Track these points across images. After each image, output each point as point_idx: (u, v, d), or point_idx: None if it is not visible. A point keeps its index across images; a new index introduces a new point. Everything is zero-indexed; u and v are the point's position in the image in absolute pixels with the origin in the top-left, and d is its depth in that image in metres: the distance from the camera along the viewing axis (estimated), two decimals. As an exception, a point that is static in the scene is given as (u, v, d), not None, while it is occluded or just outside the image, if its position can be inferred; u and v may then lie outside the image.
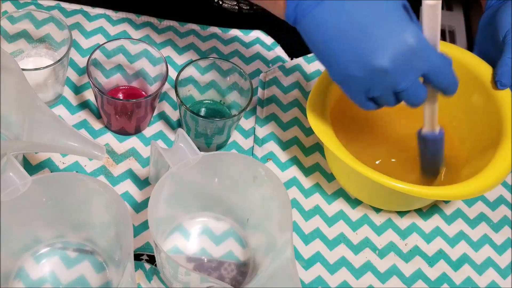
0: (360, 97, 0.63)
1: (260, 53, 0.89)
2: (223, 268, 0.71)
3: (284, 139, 0.81)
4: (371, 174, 0.67)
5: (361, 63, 0.60)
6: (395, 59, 0.59)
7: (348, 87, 0.63)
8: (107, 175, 0.76)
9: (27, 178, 0.61)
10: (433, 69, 0.61)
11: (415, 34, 0.59)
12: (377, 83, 0.61)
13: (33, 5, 0.88)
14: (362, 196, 0.76)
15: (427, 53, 0.60)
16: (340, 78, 0.62)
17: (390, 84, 0.61)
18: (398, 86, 0.61)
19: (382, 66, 0.59)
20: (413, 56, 0.60)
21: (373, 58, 0.59)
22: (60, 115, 0.80)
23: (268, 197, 0.67)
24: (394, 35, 0.59)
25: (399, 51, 0.59)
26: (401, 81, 0.61)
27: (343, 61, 0.61)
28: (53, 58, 0.81)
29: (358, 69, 0.60)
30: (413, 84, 0.61)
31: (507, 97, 0.74)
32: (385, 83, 0.61)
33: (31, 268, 0.68)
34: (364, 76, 0.61)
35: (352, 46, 0.60)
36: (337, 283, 0.72)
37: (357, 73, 0.61)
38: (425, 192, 0.67)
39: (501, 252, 0.76)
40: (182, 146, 0.66)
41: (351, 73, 0.61)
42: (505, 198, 0.80)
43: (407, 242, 0.75)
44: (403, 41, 0.59)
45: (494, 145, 0.71)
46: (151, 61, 0.78)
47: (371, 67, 0.60)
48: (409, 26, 0.59)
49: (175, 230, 0.72)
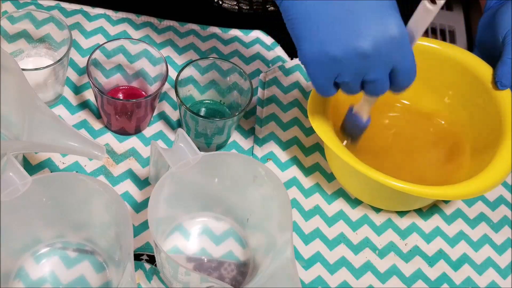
0: (326, 81, 0.62)
1: (260, 53, 0.89)
2: (223, 268, 0.71)
3: (284, 139, 0.81)
4: (371, 173, 0.67)
5: (343, 42, 0.58)
6: (377, 45, 0.58)
7: (319, 68, 0.60)
8: (107, 175, 0.76)
9: (27, 178, 0.61)
10: (405, 67, 0.60)
11: (400, 27, 0.58)
12: (351, 67, 0.59)
13: (33, 5, 0.88)
14: (362, 196, 0.76)
15: (405, 49, 0.60)
16: (313, 56, 0.60)
17: (363, 70, 0.60)
18: (369, 75, 0.60)
19: (364, 49, 0.58)
20: (394, 48, 0.59)
21: (357, 40, 0.58)
22: (60, 115, 0.80)
23: (268, 197, 0.67)
24: (381, 22, 0.58)
25: (382, 39, 0.58)
26: (374, 70, 0.60)
27: (324, 38, 0.59)
28: (53, 58, 0.81)
29: (338, 49, 0.58)
30: (382, 77, 0.61)
31: (507, 98, 0.74)
32: (359, 69, 0.60)
33: (31, 268, 0.68)
34: (341, 57, 0.59)
35: (337, 25, 0.58)
36: (337, 283, 0.72)
37: (336, 52, 0.59)
38: (425, 192, 0.67)
39: (501, 252, 0.76)
40: (182, 146, 0.66)
41: (329, 51, 0.59)
42: (505, 198, 0.80)
43: (407, 242, 0.76)
44: (389, 30, 0.58)
45: (495, 145, 0.72)
46: (151, 61, 0.78)
47: (351, 48, 0.58)
48: (396, 17, 0.58)
49: (175, 230, 0.72)
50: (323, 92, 0.63)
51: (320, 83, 0.62)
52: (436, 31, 1.23)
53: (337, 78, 0.61)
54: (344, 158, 0.68)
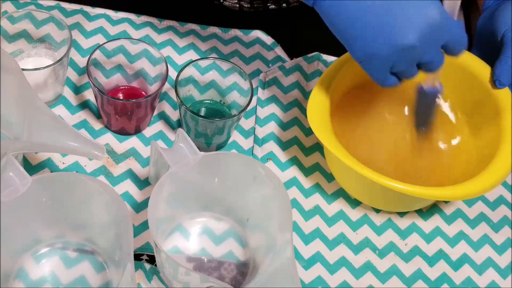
0: (382, 74, 0.65)
1: (260, 53, 0.89)
2: (223, 268, 0.71)
3: (284, 139, 0.81)
4: (372, 175, 0.67)
5: (387, 40, 0.61)
6: (421, 35, 0.61)
7: (371, 64, 0.64)
8: (107, 175, 0.76)
9: (27, 178, 0.61)
10: (453, 39, 0.64)
11: (438, 8, 0.61)
12: (402, 59, 0.63)
13: (33, 5, 0.88)
14: (363, 198, 0.76)
15: (449, 26, 0.63)
16: (363, 56, 0.63)
17: (415, 58, 0.63)
18: (423, 59, 0.63)
19: (410, 43, 0.61)
20: (438, 30, 0.62)
21: (400, 35, 0.61)
22: (60, 115, 0.80)
23: (268, 197, 0.67)
24: (419, 11, 0.61)
25: (424, 27, 0.61)
26: (426, 55, 0.63)
27: (367, 39, 0.62)
28: (53, 58, 0.81)
29: (383, 47, 0.62)
30: (437, 55, 0.64)
31: (506, 97, 0.74)
32: (411, 58, 0.63)
33: (31, 268, 0.68)
34: (389, 53, 0.62)
35: (376, 24, 0.61)
36: (337, 283, 0.72)
37: (381, 50, 0.62)
38: (426, 193, 0.67)
39: (501, 252, 0.76)
40: (182, 146, 0.66)
41: (376, 50, 0.62)
42: (505, 198, 0.80)
43: (407, 242, 0.75)
44: (428, 16, 0.61)
45: (494, 145, 0.72)
46: (151, 61, 0.78)
47: (397, 44, 0.61)
48: (434, 3, 0.61)
49: (175, 230, 0.72)
50: (382, 84, 0.66)
51: (377, 76, 0.65)
52: (436, 31, 1.23)
53: (392, 69, 0.64)
54: (345, 160, 0.68)
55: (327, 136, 0.70)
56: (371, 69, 0.65)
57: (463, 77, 0.77)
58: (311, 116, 0.71)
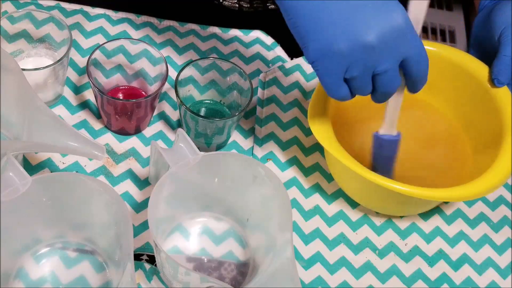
0: (336, 78, 0.61)
1: (260, 53, 0.89)
2: (223, 268, 0.71)
3: (284, 139, 0.81)
4: (372, 177, 0.67)
5: (348, 36, 0.59)
6: (382, 36, 0.59)
7: (327, 64, 0.61)
8: (107, 175, 0.76)
9: (27, 178, 0.61)
10: (414, 54, 0.61)
11: (404, 16, 0.59)
12: (359, 60, 0.60)
13: (33, 5, 0.88)
14: (363, 201, 0.76)
15: (412, 37, 0.60)
16: (320, 53, 0.60)
17: (372, 62, 0.60)
18: (379, 67, 0.60)
19: (370, 41, 0.59)
20: (400, 37, 0.59)
21: (361, 32, 0.59)
22: (60, 115, 0.80)
23: (268, 197, 0.67)
24: (384, 13, 0.59)
25: (387, 29, 0.59)
26: (383, 61, 0.60)
27: (327, 34, 0.60)
28: (53, 58, 0.81)
29: (344, 43, 0.59)
30: (392, 68, 0.61)
31: (506, 97, 0.74)
32: (367, 61, 0.60)
33: (31, 268, 0.68)
34: (348, 50, 0.59)
35: (341, 21, 0.59)
36: (337, 283, 0.72)
37: (342, 46, 0.59)
38: (427, 194, 0.67)
39: (501, 252, 0.76)
40: (182, 146, 0.66)
41: (336, 46, 0.59)
42: (505, 198, 0.80)
43: (407, 242, 0.76)
44: (393, 19, 0.59)
45: (496, 145, 0.71)
46: (151, 61, 0.78)
47: (358, 41, 0.59)
48: (398, 7, 0.59)
49: (175, 230, 0.72)
50: (333, 91, 0.63)
51: (329, 80, 0.62)
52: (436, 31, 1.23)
53: (346, 74, 0.61)
54: (346, 162, 0.68)
55: (328, 138, 0.70)
56: (325, 71, 0.61)
57: (462, 79, 0.77)
58: (312, 121, 0.70)
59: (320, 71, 0.62)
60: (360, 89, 0.63)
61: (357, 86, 0.62)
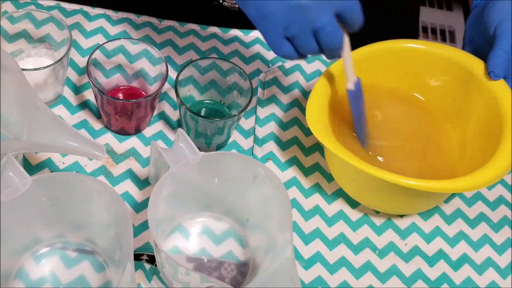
0: (277, 37, 0.65)
1: (260, 53, 0.89)
2: (223, 268, 0.71)
3: (284, 139, 0.81)
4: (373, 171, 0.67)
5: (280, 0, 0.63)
6: None
7: (265, 25, 0.65)
8: (107, 175, 0.76)
9: (27, 178, 0.61)
10: (347, 6, 0.64)
11: None
12: (294, 20, 0.63)
13: (33, 5, 0.88)
14: (363, 199, 0.76)
15: None
16: (257, 16, 0.65)
17: (307, 21, 0.63)
18: (316, 22, 0.63)
19: (300, 2, 0.62)
20: None
21: None
22: (60, 115, 0.80)
23: (268, 197, 0.67)
24: None
25: None
26: (318, 17, 0.63)
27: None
28: (53, 58, 0.81)
29: (275, 6, 0.63)
30: (330, 22, 0.64)
31: (506, 93, 0.74)
32: (302, 20, 0.63)
33: (31, 268, 0.68)
34: (280, 12, 0.63)
35: None
36: (337, 283, 0.72)
37: (273, 9, 0.63)
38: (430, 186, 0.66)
39: (501, 252, 0.76)
40: (182, 146, 0.66)
41: (269, 8, 0.63)
42: (505, 198, 0.80)
43: (407, 242, 0.76)
44: None
45: (496, 139, 0.71)
46: (151, 61, 0.78)
47: (288, 3, 0.62)
48: None
49: (175, 230, 0.72)
50: (276, 49, 0.66)
51: (270, 38, 0.66)
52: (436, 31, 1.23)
53: (286, 33, 0.65)
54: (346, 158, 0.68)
55: (326, 136, 0.70)
56: (266, 31, 0.65)
57: (461, 76, 0.77)
58: (309, 117, 0.70)
59: (260, 30, 0.66)
60: (302, 46, 0.66)
61: (300, 43, 0.66)
